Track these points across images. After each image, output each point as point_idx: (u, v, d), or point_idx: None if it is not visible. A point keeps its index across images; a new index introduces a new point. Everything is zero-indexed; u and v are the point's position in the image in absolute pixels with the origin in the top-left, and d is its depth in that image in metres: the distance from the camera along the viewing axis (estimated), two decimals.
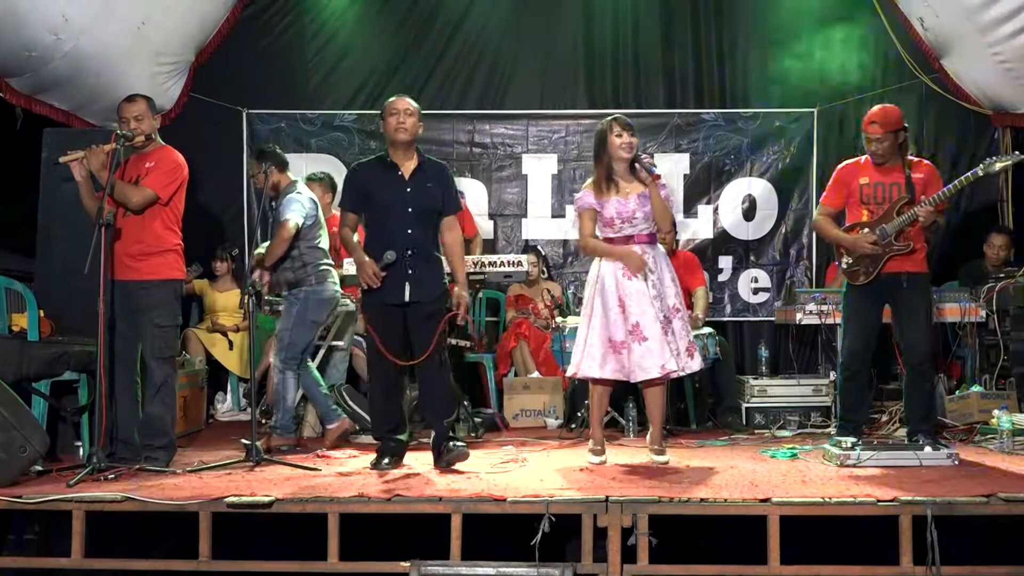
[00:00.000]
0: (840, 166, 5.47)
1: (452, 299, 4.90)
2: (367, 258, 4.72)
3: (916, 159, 5.35)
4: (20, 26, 5.64)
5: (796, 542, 3.84)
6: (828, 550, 3.95)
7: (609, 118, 4.96)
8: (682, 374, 4.94)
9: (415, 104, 4.90)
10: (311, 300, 5.58)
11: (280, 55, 7.96)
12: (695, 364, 4.95)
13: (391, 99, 4.93)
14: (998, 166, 5.13)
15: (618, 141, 4.86)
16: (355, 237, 4.95)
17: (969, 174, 5.15)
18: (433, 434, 4.87)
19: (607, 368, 4.88)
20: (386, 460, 4.84)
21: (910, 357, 5.25)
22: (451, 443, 4.77)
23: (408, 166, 4.86)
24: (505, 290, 7.41)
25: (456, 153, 7.78)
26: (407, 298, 4.75)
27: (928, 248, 5.32)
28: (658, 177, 4.85)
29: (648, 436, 5.06)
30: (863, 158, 5.36)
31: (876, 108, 5.26)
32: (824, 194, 5.51)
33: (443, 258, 4.96)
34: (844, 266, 5.33)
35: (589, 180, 5.04)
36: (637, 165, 4.89)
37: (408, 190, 4.81)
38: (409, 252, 4.76)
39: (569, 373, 5.16)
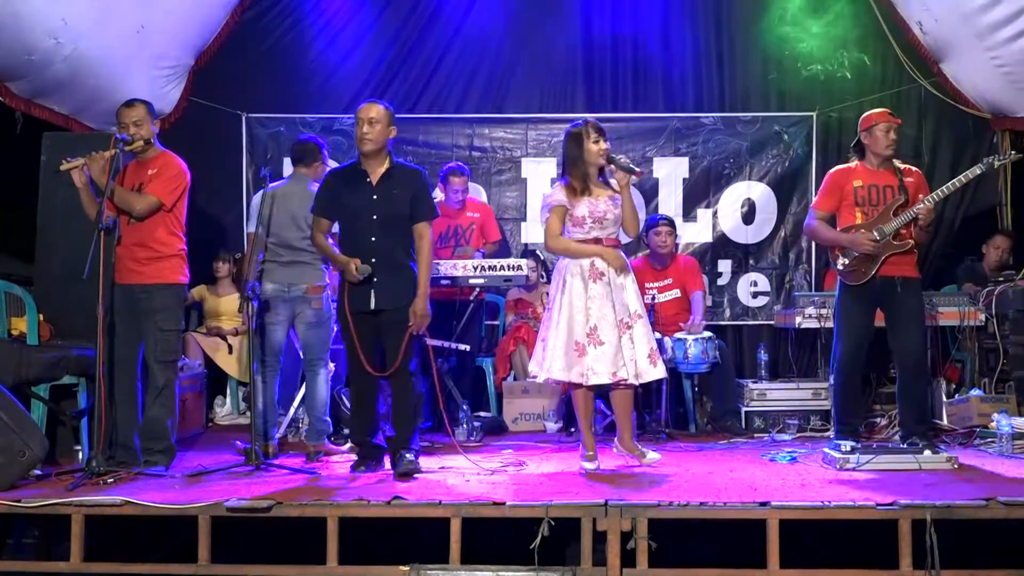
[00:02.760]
0: (832, 170, 5.58)
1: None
2: (346, 258, 4.73)
3: (905, 165, 5.43)
4: (20, 30, 5.65)
5: (795, 546, 3.84)
6: (827, 554, 3.95)
7: (580, 121, 4.94)
8: (636, 382, 4.82)
9: (384, 109, 4.83)
10: None
11: (279, 59, 7.96)
12: (657, 372, 4.86)
13: (360, 105, 4.88)
14: (997, 164, 5.22)
15: (595, 148, 4.84)
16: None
17: (969, 172, 5.27)
18: (392, 444, 4.90)
19: (572, 372, 4.82)
20: (363, 466, 4.90)
21: (903, 359, 5.31)
22: (405, 455, 4.73)
23: (377, 172, 4.84)
24: (504, 294, 7.41)
25: (455, 157, 7.76)
26: (372, 306, 4.76)
27: (920, 251, 5.38)
28: (641, 173, 4.81)
29: (619, 441, 5.03)
30: (853, 163, 5.49)
31: (878, 109, 5.42)
32: (816, 199, 5.60)
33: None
34: (840, 267, 5.38)
35: (559, 183, 4.99)
36: (613, 166, 4.85)
37: (374, 197, 4.80)
38: (373, 260, 4.75)
39: (532, 372, 5.05)
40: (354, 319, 4.80)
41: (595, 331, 4.78)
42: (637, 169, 4.85)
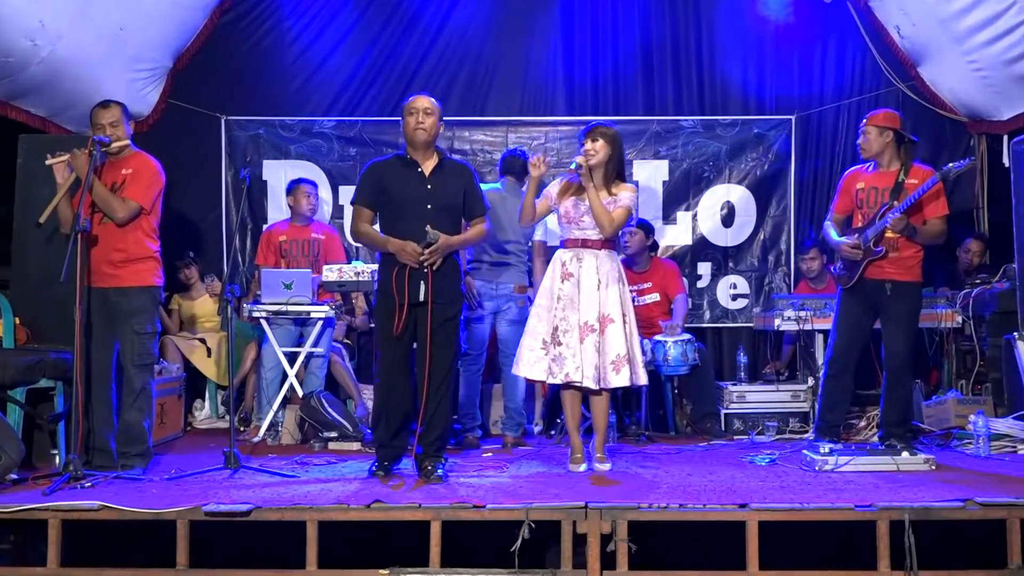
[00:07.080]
0: (845, 172, 5.69)
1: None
2: (401, 240, 4.61)
3: (916, 166, 5.41)
4: None
5: (774, 548, 3.86)
6: (806, 556, 3.97)
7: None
8: (596, 387, 4.77)
9: (436, 103, 4.85)
10: None
11: (259, 61, 7.92)
12: (619, 380, 4.78)
13: (410, 97, 4.87)
14: (953, 174, 5.25)
15: (582, 148, 4.90)
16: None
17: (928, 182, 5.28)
18: (419, 447, 4.73)
19: (536, 369, 4.88)
20: (386, 463, 4.76)
21: (888, 361, 5.35)
22: (437, 468, 4.63)
23: (428, 164, 4.78)
24: None
25: None
26: (421, 298, 4.62)
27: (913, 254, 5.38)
28: (577, 169, 4.79)
29: (592, 444, 5.04)
30: (866, 164, 5.53)
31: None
32: (834, 200, 5.71)
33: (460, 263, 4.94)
34: (834, 270, 5.49)
35: (564, 175, 5.11)
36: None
37: (428, 187, 4.73)
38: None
39: (513, 371, 5.12)
40: (393, 314, 4.64)
41: (556, 331, 4.83)
42: (574, 164, 4.83)
